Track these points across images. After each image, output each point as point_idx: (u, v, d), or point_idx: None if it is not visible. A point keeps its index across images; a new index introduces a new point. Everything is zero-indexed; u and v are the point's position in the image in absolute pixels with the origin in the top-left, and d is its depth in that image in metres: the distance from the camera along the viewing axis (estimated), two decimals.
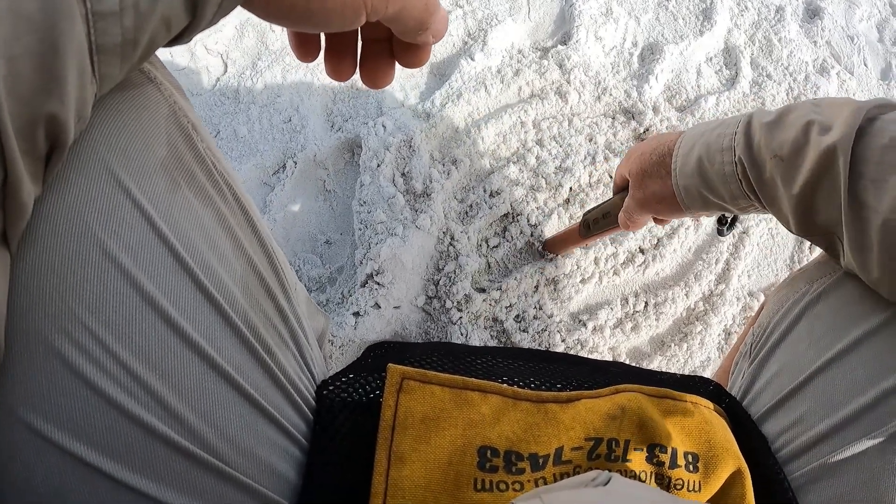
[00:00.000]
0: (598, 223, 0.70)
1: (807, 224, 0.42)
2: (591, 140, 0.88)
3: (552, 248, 0.81)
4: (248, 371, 0.31)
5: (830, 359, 0.42)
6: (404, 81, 0.96)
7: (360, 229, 0.88)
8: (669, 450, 0.39)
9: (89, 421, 0.25)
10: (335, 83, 0.97)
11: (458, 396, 0.36)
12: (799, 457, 0.42)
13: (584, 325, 0.79)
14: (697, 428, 0.42)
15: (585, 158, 0.86)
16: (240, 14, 0.98)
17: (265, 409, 0.32)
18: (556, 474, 0.35)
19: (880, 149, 0.36)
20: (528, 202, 0.83)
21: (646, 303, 0.81)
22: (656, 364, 0.79)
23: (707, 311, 0.82)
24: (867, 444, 0.38)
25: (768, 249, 0.88)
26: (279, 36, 0.99)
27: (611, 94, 0.91)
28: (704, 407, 0.44)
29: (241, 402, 0.31)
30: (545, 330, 0.79)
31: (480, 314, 0.80)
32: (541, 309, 0.80)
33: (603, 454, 0.37)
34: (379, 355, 0.43)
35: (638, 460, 0.39)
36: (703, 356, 0.80)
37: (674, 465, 0.39)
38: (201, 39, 0.98)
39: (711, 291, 0.83)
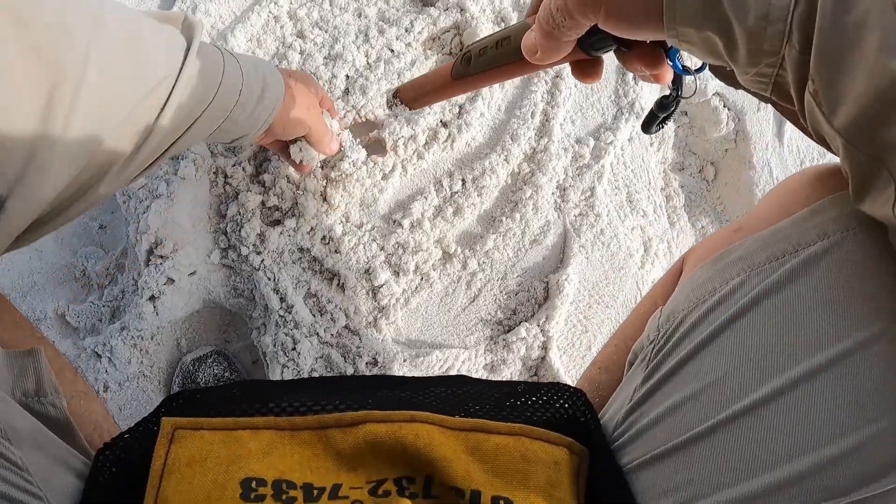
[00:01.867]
0: (485, 55, 0.47)
1: (867, 135, 0.24)
2: (360, 15, 0.75)
3: (408, 97, 0.63)
4: None
5: (753, 403, 0.30)
6: (135, 5, 0.78)
7: (124, 202, 0.73)
8: (468, 493, 0.33)
9: None
10: None
11: (228, 437, 0.36)
12: None
13: (400, 224, 0.68)
14: (512, 468, 0.34)
15: (357, 38, 0.72)
16: None
17: None
18: None
19: None
20: None
21: (462, 180, 0.71)
22: (492, 243, 0.70)
23: (533, 171, 0.73)
24: None
25: (588, 89, 0.80)
26: None
27: None
28: (532, 440, 0.36)
29: None
30: (358, 243, 0.68)
31: (283, 250, 0.68)
32: (347, 221, 0.68)
33: (392, 491, 0.34)
34: (172, 408, 0.40)
35: (446, 497, 0.34)
36: (540, 221, 0.72)
37: None
38: None
39: (534, 149, 0.74)
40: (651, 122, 0.42)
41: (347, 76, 0.72)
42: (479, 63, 0.49)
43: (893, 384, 0.27)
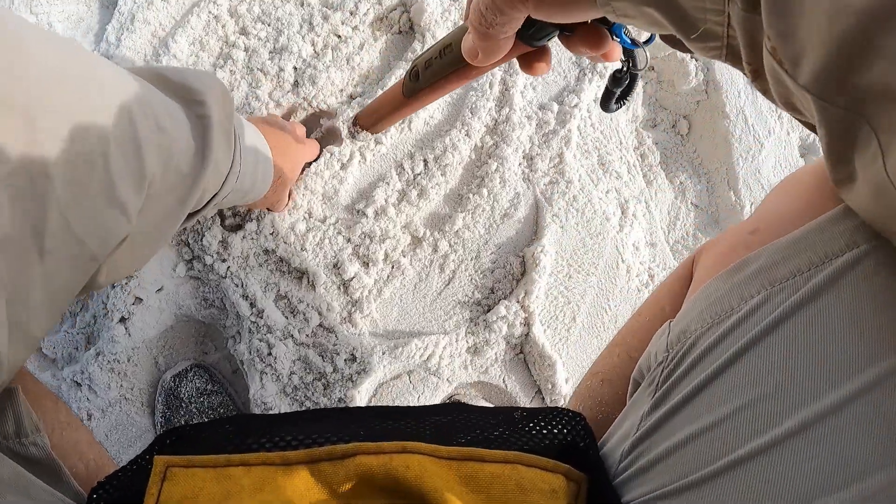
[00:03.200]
0: (430, 67, 0.48)
1: (838, 84, 0.22)
2: (302, 4, 0.72)
3: (368, 123, 0.62)
4: None
5: (775, 438, 0.26)
6: (73, 26, 0.76)
7: None
8: None
9: None
10: None
11: (221, 474, 0.36)
12: None
13: (364, 213, 0.66)
14: (508, 498, 0.33)
15: (302, 27, 0.70)
16: None
17: None
18: None
19: None
20: (250, 104, 0.67)
21: (424, 161, 0.68)
22: (461, 222, 0.67)
23: (497, 143, 0.70)
24: None
25: None
26: None
27: None
28: (527, 467, 0.34)
29: None
30: (324, 238, 0.65)
31: (247, 254, 0.66)
32: (311, 217, 0.66)
33: None
34: (165, 445, 0.40)
35: None
36: (509, 194, 0.69)
37: None
38: None
39: (496, 120, 0.71)
40: (608, 99, 0.41)
41: (295, 68, 0.69)
42: (427, 76, 0.49)
43: None
